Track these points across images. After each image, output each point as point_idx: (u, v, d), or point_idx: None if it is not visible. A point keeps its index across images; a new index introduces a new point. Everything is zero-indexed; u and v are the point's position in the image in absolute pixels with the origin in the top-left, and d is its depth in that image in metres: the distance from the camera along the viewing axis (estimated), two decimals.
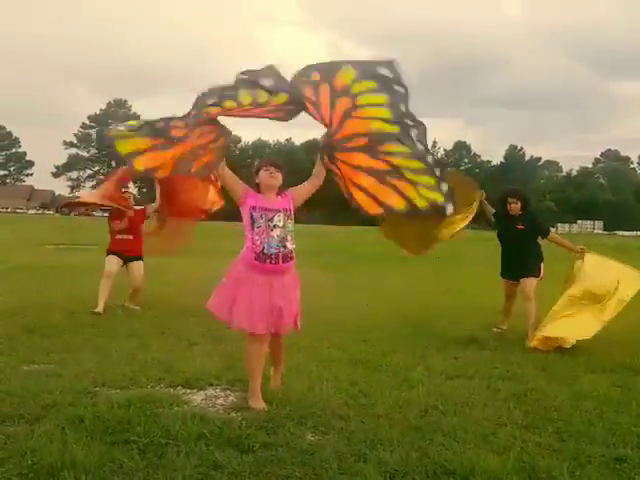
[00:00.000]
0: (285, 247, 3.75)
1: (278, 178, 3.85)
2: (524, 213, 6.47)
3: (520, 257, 6.44)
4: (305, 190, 3.97)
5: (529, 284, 6.36)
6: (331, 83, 3.69)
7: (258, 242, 3.71)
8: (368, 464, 2.95)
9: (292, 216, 3.84)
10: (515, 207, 6.42)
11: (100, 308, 6.91)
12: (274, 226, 3.72)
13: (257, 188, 3.89)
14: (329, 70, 3.74)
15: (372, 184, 3.73)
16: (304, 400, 3.87)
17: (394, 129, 3.70)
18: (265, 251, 3.69)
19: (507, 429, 3.52)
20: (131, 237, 7.45)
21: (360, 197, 3.77)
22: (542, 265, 6.51)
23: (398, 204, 3.72)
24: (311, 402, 3.83)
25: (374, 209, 3.77)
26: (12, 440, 3.07)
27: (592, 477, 2.90)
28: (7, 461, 2.84)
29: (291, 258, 3.81)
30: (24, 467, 2.78)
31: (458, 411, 3.83)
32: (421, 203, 3.71)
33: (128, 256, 7.41)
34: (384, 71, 3.77)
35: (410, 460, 3.01)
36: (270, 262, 3.71)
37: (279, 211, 3.77)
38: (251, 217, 3.75)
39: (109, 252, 7.45)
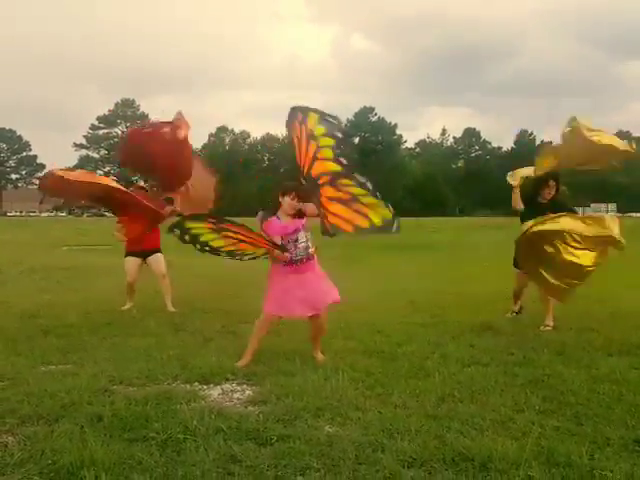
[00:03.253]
0: (307, 253, 4.64)
1: (297, 208, 4.65)
2: (554, 201, 6.19)
3: None
4: (310, 211, 4.66)
5: None
6: (306, 125, 4.56)
7: (286, 253, 4.56)
8: (386, 453, 2.96)
9: (307, 226, 4.69)
10: (551, 191, 6.16)
11: (128, 305, 7.24)
12: (299, 243, 4.61)
13: (278, 205, 4.68)
14: (304, 113, 4.61)
15: (343, 210, 4.56)
16: (320, 392, 3.87)
17: (338, 168, 4.56)
18: (293, 259, 4.59)
19: (525, 415, 3.51)
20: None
21: (337, 221, 4.58)
22: None
23: (363, 223, 4.55)
24: (327, 393, 3.84)
25: (348, 228, 4.58)
26: (32, 440, 3.10)
27: (611, 460, 2.88)
28: (27, 461, 2.87)
29: (312, 258, 4.70)
30: (44, 467, 2.81)
31: (475, 398, 3.82)
32: (376, 220, 4.53)
33: (146, 251, 7.30)
34: (330, 119, 4.66)
35: (428, 448, 3.00)
36: (297, 264, 4.62)
37: (299, 230, 4.63)
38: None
39: (127, 253, 7.35)
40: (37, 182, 7.73)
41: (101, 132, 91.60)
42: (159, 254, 7.38)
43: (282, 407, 3.60)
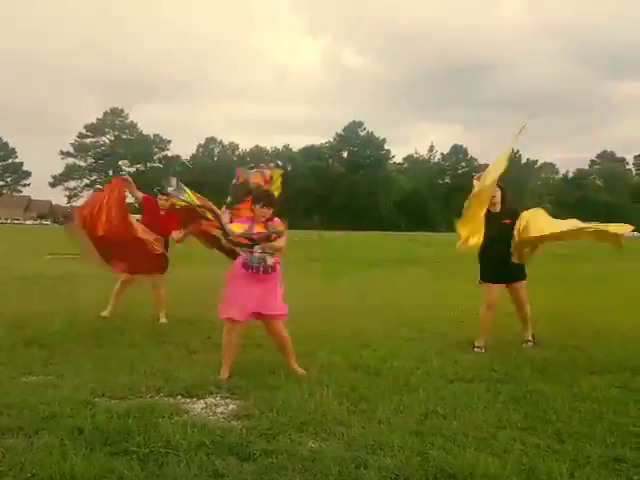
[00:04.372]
0: (263, 265, 4.65)
1: (267, 215, 4.75)
2: (506, 207, 5.97)
3: (510, 257, 5.78)
4: (278, 244, 4.78)
5: (525, 287, 6.05)
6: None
7: (244, 255, 4.69)
8: (369, 470, 2.96)
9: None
10: (496, 197, 5.88)
11: (108, 312, 7.06)
12: (254, 250, 4.67)
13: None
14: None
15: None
16: (305, 406, 3.87)
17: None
18: (247, 263, 4.65)
19: (507, 432, 3.53)
20: None
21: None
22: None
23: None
24: (312, 408, 3.83)
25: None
26: (11, 453, 3.05)
27: (591, 478, 2.91)
28: (6, 474, 2.83)
29: (273, 270, 4.70)
30: None
31: (458, 414, 3.83)
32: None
33: None
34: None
35: (411, 465, 3.01)
36: (253, 271, 4.65)
37: None
38: None
39: None
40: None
41: (88, 140, 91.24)
42: None
43: (266, 422, 3.59)
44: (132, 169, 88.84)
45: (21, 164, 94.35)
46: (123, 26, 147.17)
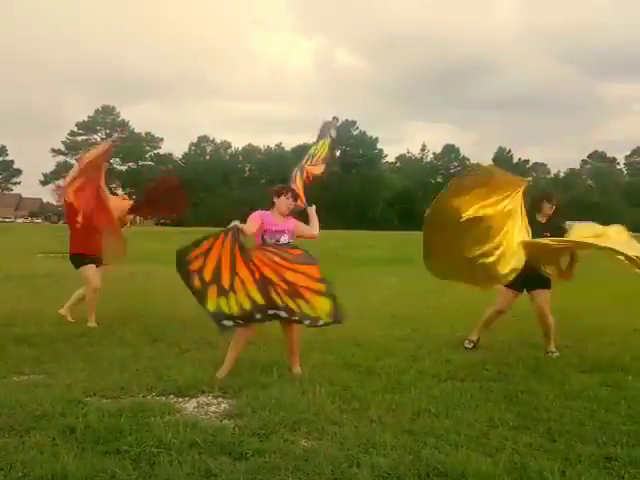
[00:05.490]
0: None
1: (291, 206, 4.83)
2: (551, 220, 5.81)
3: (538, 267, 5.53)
4: (302, 232, 4.90)
5: (546, 297, 5.75)
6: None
7: None
8: (361, 469, 2.96)
9: (294, 235, 4.80)
10: (553, 207, 5.78)
11: (94, 322, 6.68)
12: (280, 244, 4.66)
13: (270, 205, 4.81)
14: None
15: None
16: (297, 405, 3.87)
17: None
18: None
19: (499, 430, 3.54)
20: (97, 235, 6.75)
21: None
22: None
23: None
24: (304, 407, 3.84)
25: None
26: (2, 452, 3.04)
27: (582, 476, 2.92)
28: None
29: None
30: (14, 479, 2.76)
31: (450, 413, 3.84)
32: None
33: (99, 257, 6.88)
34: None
35: (403, 463, 3.02)
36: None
37: (284, 232, 4.71)
38: (262, 237, 4.68)
39: (88, 258, 6.79)
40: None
41: (80, 138, 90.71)
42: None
43: (258, 421, 3.59)
44: (124, 167, 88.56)
45: (12, 162, 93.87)
46: (119, 25, 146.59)
